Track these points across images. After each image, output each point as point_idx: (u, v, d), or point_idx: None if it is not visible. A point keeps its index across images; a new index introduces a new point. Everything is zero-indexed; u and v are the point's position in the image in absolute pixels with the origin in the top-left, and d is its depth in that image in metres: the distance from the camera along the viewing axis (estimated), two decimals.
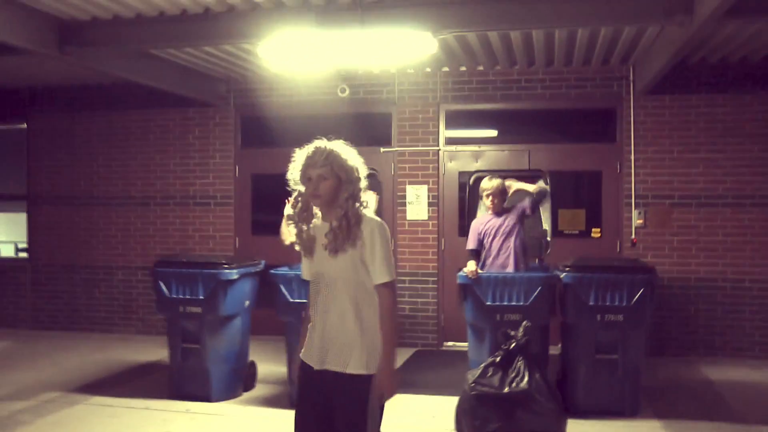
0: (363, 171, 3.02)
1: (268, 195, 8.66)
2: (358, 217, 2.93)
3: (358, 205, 2.95)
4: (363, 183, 3.01)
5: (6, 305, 9.56)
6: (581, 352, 5.53)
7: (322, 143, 2.98)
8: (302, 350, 3.13)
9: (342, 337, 2.95)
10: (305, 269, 3.18)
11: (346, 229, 2.89)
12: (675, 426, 5.27)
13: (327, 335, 2.98)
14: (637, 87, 7.67)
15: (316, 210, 3.04)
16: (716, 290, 7.68)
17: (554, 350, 6.11)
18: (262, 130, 8.83)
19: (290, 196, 3.08)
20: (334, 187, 2.93)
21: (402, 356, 7.44)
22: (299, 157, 3.00)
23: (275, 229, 6.04)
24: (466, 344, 6.19)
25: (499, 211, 6.10)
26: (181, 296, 5.87)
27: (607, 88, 7.91)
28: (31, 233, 9.51)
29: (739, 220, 7.64)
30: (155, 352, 7.89)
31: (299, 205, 3.03)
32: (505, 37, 6.84)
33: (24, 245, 9.73)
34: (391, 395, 2.98)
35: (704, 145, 7.69)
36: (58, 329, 9.31)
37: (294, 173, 3.03)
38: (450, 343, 8.26)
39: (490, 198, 6.06)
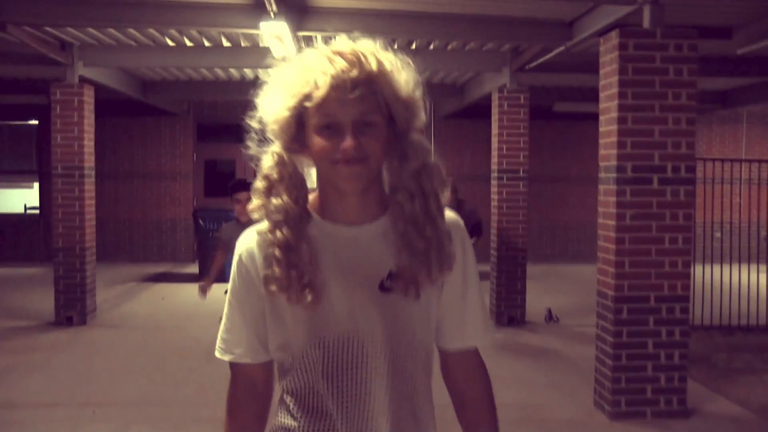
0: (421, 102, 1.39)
1: (215, 172, 14.05)
2: (443, 211, 1.41)
3: (443, 182, 1.41)
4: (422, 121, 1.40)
5: (23, 245, 13.91)
6: None
7: (351, 45, 1.32)
8: None
9: None
10: (260, 340, 1.47)
11: (437, 238, 1.36)
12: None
13: None
14: (436, 115, 13.95)
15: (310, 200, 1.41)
16: None
17: None
18: (212, 131, 14.02)
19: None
20: (386, 140, 1.33)
21: None
22: (295, 74, 1.31)
23: (218, 192, 11.13)
24: None
25: None
26: (210, 227, 11.16)
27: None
28: (42, 197, 13.91)
29: (487, 189, 14.22)
30: (156, 268, 12.97)
31: (281, 190, 1.36)
32: None
33: (31, 205, 14.11)
34: None
35: (469, 147, 14.16)
36: None
37: (273, 114, 1.34)
38: None
39: None
